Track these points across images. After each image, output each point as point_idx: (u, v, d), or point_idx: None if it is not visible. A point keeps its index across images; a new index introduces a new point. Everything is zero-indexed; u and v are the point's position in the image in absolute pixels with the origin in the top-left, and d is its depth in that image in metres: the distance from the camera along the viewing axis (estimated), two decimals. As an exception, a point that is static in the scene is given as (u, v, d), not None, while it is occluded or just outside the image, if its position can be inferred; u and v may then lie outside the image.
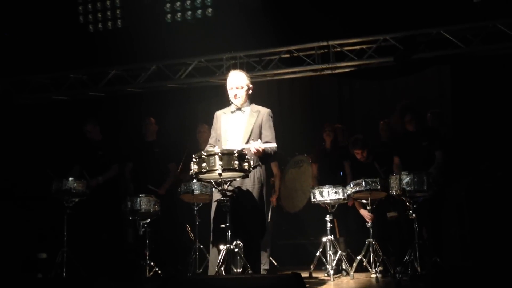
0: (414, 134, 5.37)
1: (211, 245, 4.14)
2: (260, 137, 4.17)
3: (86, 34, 6.83)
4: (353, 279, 5.27)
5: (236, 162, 3.77)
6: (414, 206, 4.82)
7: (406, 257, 4.81)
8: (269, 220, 5.92)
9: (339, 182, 5.72)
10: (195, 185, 5.53)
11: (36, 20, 6.83)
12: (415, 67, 6.34)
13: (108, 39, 6.74)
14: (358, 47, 6.48)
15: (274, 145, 4.13)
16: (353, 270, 5.36)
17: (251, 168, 3.91)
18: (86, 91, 7.26)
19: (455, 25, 6.02)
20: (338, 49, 6.48)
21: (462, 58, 6.14)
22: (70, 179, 5.50)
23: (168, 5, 6.69)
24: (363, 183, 5.26)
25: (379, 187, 5.21)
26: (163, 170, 6.14)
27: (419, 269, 4.69)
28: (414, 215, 4.80)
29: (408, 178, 4.78)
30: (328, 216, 5.51)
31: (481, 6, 5.55)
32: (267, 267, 5.87)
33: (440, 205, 5.27)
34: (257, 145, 3.96)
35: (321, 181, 5.98)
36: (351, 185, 5.40)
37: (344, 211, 5.87)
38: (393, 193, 4.91)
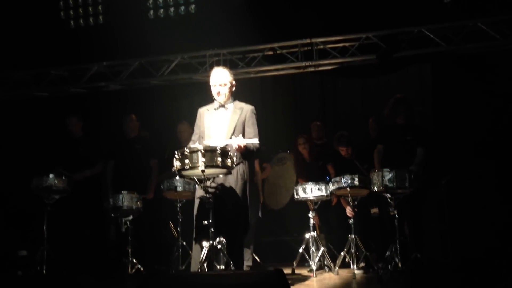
0: (401, 127, 5.41)
1: (193, 242, 4.14)
2: (243, 134, 4.18)
3: (67, 30, 6.75)
4: (337, 275, 5.30)
5: (219, 159, 3.77)
6: (395, 203, 4.87)
7: (388, 253, 4.86)
8: (260, 215, 5.93)
9: None
10: (178, 182, 5.52)
11: (16, 15, 6.73)
12: (397, 65, 6.39)
13: (90, 35, 6.67)
14: (341, 44, 6.51)
15: (256, 141, 4.14)
16: (337, 267, 5.40)
17: (234, 165, 3.92)
18: (67, 88, 7.17)
19: (436, 23, 6.09)
20: (321, 47, 6.51)
21: (443, 57, 6.21)
22: (51, 176, 5.42)
23: (150, 1, 6.65)
24: (342, 180, 5.30)
25: (357, 183, 5.24)
26: (145, 167, 6.10)
27: (399, 264, 4.74)
28: (395, 211, 4.85)
29: (390, 175, 4.82)
30: (311, 212, 5.54)
31: (451, 6, 5.63)
32: (250, 263, 5.88)
33: (421, 202, 5.33)
34: (239, 141, 3.96)
35: None
36: (332, 182, 5.44)
37: (325, 208, 5.90)
38: (374, 189, 4.95)
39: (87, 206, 5.83)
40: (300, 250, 5.54)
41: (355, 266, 5.22)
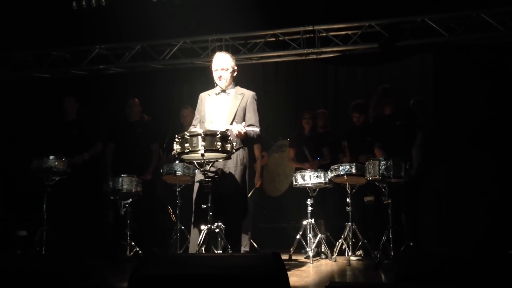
0: (389, 116, 5.42)
1: (192, 226, 4.17)
2: (244, 120, 4.20)
3: (70, 11, 6.72)
4: (335, 261, 5.35)
5: (219, 143, 3.79)
6: (390, 191, 4.89)
7: (384, 239, 4.90)
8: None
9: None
10: (178, 166, 5.54)
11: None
12: (399, 55, 6.39)
13: (92, 17, 6.65)
14: (343, 32, 6.50)
15: (257, 129, 4.16)
16: (335, 254, 5.44)
17: (233, 150, 3.94)
18: (68, 69, 7.18)
19: (439, 13, 6.08)
20: (324, 34, 6.50)
21: (445, 47, 6.21)
22: (51, 157, 5.44)
23: (154, -16, 6.61)
24: (340, 167, 5.32)
25: (354, 171, 5.26)
26: (146, 151, 6.12)
27: (392, 253, 4.79)
28: (389, 200, 4.88)
29: (386, 164, 4.84)
30: (309, 199, 5.57)
31: None
32: (247, 249, 5.92)
33: (418, 191, 5.35)
34: (239, 128, 3.98)
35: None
36: (331, 170, 5.47)
37: (323, 196, 5.92)
38: (369, 178, 4.96)
39: (87, 188, 5.86)
40: (298, 236, 5.59)
41: (350, 253, 5.27)
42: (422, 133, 5.29)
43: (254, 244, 6.17)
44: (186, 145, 3.80)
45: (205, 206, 3.92)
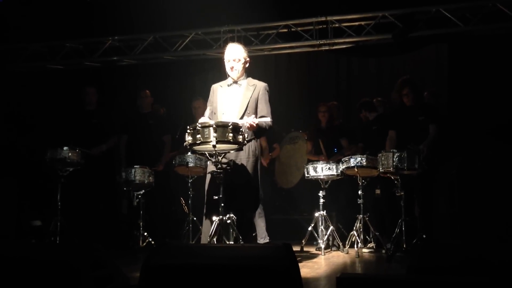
0: (410, 109, 5.35)
1: (204, 217, 4.19)
2: (256, 111, 4.19)
3: (83, 3, 6.75)
4: (347, 253, 5.35)
5: (231, 135, 3.79)
6: (403, 183, 4.85)
7: (396, 231, 4.87)
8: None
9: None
10: (190, 157, 5.55)
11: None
12: (413, 45, 6.32)
13: (105, 9, 6.66)
14: (356, 23, 6.44)
15: (268, 119, 4.15)
16: (347, 246, 5.43)
17: (245, 141, 3.94)
18: (82, 61, 7.22)
19: (455, 3, 5.99)
20: (337, 25, 6.44)
21: (460, 37, 6.12)
22: (65, 148, 5.48)
23: (166, -25, 6.61)
24: (351, 159, 5.30)
25: (365, 163, 5.23)
26: (158, 143, 6.14)
27: (404, 245, 4.77)
28: (402, 192, 4.85)
29: (399, 155, 4.79)
30: (321, 191, 5.56)
31: None
32: (267, 240, 5.91)
33: (431, 183, 5.30)
34: (250, 120, 3.97)
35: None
36: (342, 162, 5.44)
37: (335, 188, 5.90)
38: (382, 170, 4.92)
39: (100, 179, 5.90)
40: (309, 228, 5.58)
41: (361, 245, 5.25)
42: (435, 127, 5.21)
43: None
44: (198, 136, 3.80)
45: (217, 197, 3.94)
